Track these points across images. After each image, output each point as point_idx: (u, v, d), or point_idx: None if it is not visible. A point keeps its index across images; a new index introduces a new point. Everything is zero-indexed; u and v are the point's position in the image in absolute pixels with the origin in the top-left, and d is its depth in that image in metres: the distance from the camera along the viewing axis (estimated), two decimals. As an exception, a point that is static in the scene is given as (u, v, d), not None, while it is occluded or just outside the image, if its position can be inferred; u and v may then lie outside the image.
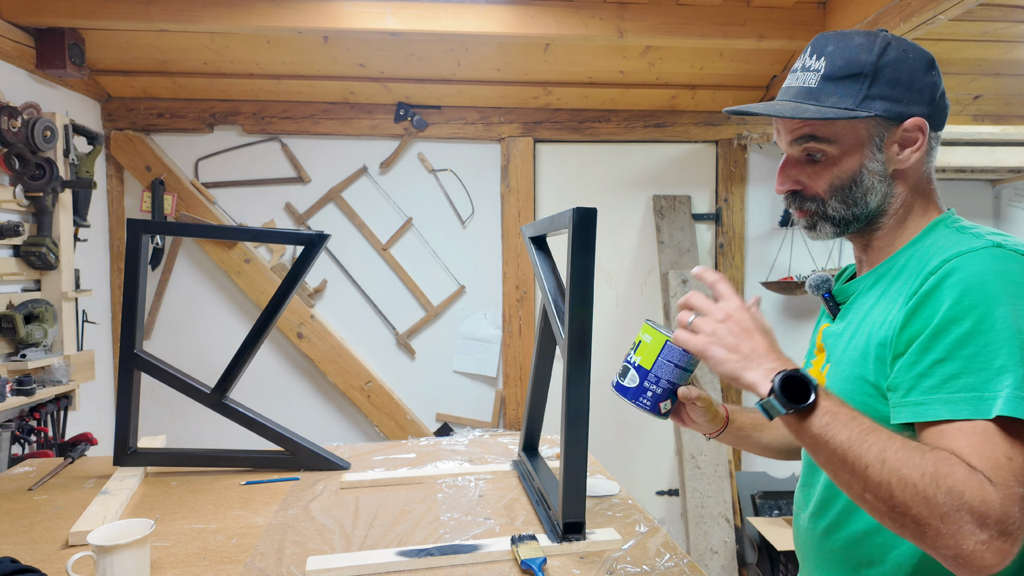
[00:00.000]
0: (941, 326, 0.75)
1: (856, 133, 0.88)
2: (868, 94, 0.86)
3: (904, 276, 0.86)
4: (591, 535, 1.20)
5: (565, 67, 2.82)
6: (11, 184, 2.24)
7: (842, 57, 0.87)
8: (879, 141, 0.88)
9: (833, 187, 0.90)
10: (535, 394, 1.55)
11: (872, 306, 0.89)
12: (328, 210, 3.03)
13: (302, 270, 1.57)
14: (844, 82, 0.87)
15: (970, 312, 0.74)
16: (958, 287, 0.75)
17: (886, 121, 0.87)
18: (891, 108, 0.87)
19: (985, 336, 0.73)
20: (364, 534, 1.24)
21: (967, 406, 0.72)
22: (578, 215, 1.12)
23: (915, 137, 0.88)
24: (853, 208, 0.90)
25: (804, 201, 0.93)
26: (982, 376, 0.72)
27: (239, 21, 2.32)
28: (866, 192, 0.89)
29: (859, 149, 0.88)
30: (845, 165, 0.89)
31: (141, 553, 1.04)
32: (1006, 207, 3.32)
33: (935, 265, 0.79)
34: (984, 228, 0.85)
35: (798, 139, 0.90)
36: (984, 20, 2.41)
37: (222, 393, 1.59)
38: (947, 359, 0.74)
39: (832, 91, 0.87)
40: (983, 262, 0.76)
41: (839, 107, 0.86)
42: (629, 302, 3.20)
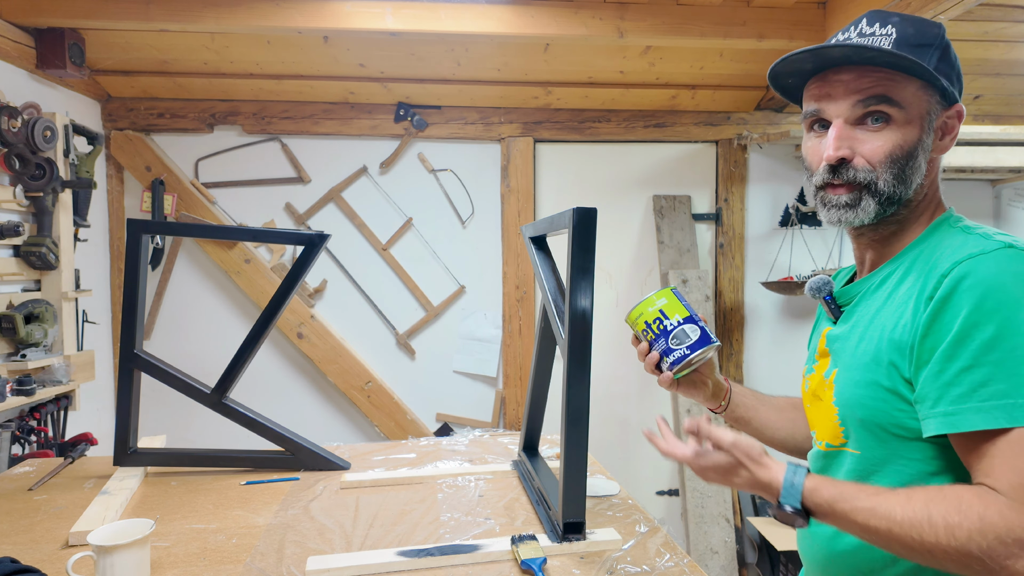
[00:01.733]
0: (964, 332, 0.73)
1: (923, 103, 0.84)
2: (937, 66, 0.83)
3: (912, 276, 0.83)
4: (591, 535, 1.20)
5: (565, 67, 2.82)
6: (11, 184, 2.24)
7: (912, 26, 0.84)
8: (932, 119, 0.85)
9: (893, 157, 0.84)
10: (535, 394, 1.55)
11: (880, 308, 0.86)
12: (328, 210, 3.03)
13: (302, 270, 1.57)
14: (917, 49, 0.82)
15: (992, 316, 0.71)
16: (976, 290, 0.73)
17: (941, 100, 0.85)
18: (949, 87, 0.84)
19: (1011, 340, 0.70)
20: (364, 534, 1.24)
21: (1001, 413, 0.70)
22: (578, 215, 1.12)
23: (953, 125, 0.86)
24: (901, 186, 0.85)
25: (854, 172, 0.86)
26: (1013, 381, 0.70)
27: (239, 21, 2.32)
28: (915, 171, 0.85)
29: (921, 121, 0.84)
30: (910, 135, 0.84)
31: (141, 553, 1.04)
32: (1006, 207, 3.32)
33: (947, 268, 0.76)
34: (988, 228, 0.84)
35: (867, 98, 0.84)
36: (984, 20, 2.41)
37: (222, 393, 1.59)
38: (974, 366, 0.72)
39: (911, 53, 0.82)
40: (999, 264, 0.74)
41: (928, 64, 0.82)
42: (629, 302, 3.19)
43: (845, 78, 0.85)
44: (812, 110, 0.89)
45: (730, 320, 3.22)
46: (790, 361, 3.23)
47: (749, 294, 3.24)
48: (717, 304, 3.21)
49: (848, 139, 0.85)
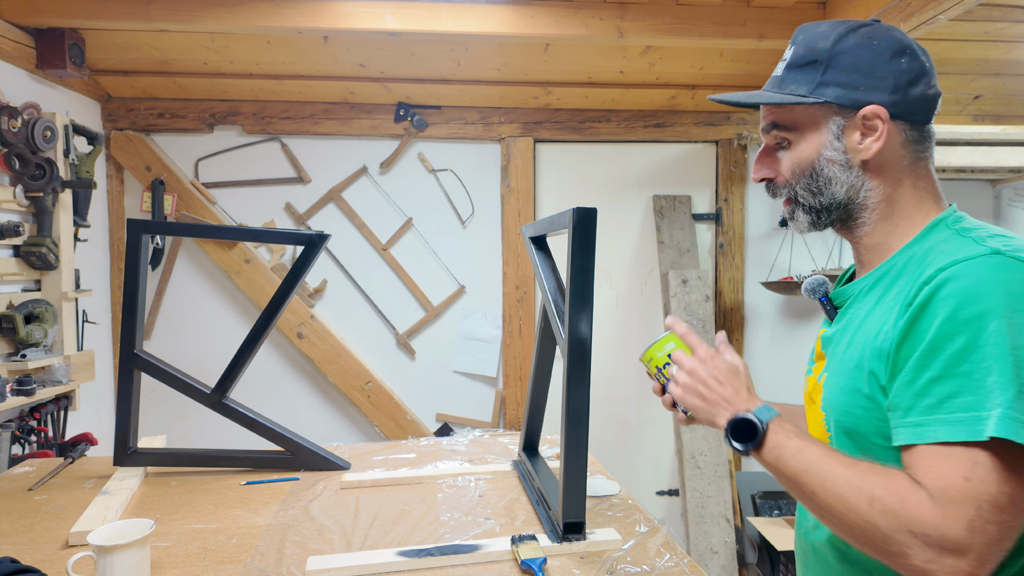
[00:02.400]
0: (936, 342, 0.73)
1: (813, 120, 0.89)
2: (822, 80, 0.87)
3: (901, 281, 0.83)
4: (591, 535, 1.20)
5: (565, 67, 2.82)
6: (11, 184, 2.24)
7: (804, 45, 0.90)
8: (837, 129, 0.87)
9: (795, 173, 0.91)
10: (535, 394, 1.55)
11: (869, 312, 0.86)
12: (328, 210, 3.03)
13: (302, 270, 1.57)
14: (803, 69, 0.88)
15: (965, 327, 0.71)
16: (953, 299, 0.72)
17: (842, 108, 0.86)
18: (845, 95, 0.86)
19: (980, 351, 0.70)
20: (364, 534, 1.24)
21: (963, 427, 0.70)
22: (578, 215, 1.12)
23: (874, 125, 0.85)
24: (819, 197, 0.89)
25: (777, 189, 0.95)
26: (978, 395, 0.69)
27: (239, 21, 2.32)
28: (829, 181, 0.88)
29: (816, 136, 0.88)
30: (803, 152, 0.90)
31: (141, 553, 1.04)
32: (1006, 207, 3.32)
33: (930, 274, 0.76)
34: (988, 229, 0.81)
35: (765, 127, 0.93)
36: (984, 20, 2.41)
37: (222, 393, 1.59)
38: (943, 377, 0.72)
39: (792, 78, 0.89)
40: (979, 271, 0.72)
41: (795, 93, 0.88)
42: (629, 302, 3.20)
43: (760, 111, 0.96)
44: None
45: (730, 320, 3.22)
46: (790, 361, 3.23)
47: (749, 294, 3.24)
48: (717, 304, 3.21)
49: (767, 161, 0.95)
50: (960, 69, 2.82)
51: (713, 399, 0.91)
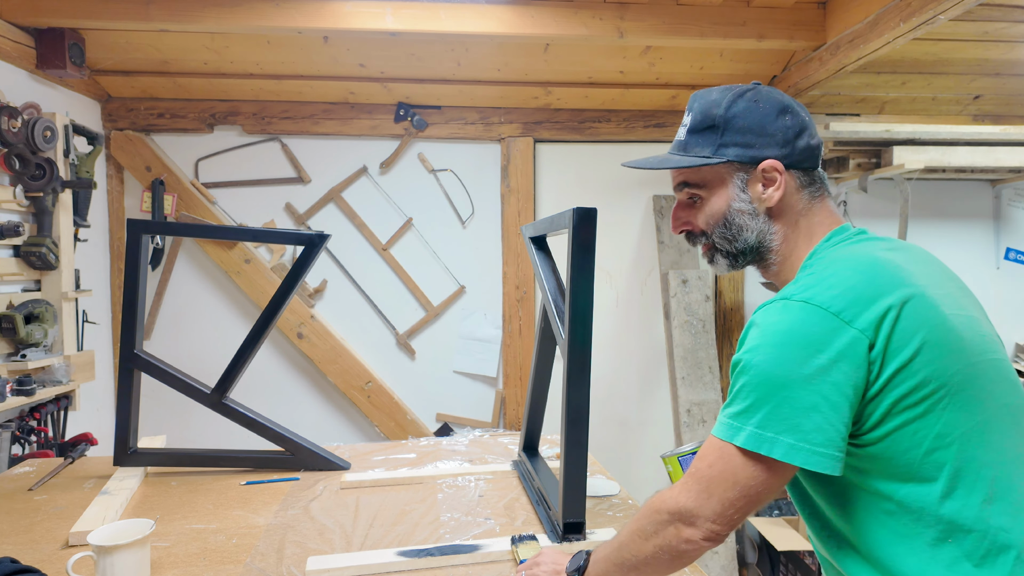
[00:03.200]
0: (733, 367, 0.89)
1: (719, 177, 0.98)
2: (722, 142, 0.96)
3: None
4: (591, 535, 1.20)
5: (565, 67, 2.82)
6: (11, 184, 2.24)
7: (700, 112, 0.98)
8: (741, 183, 0.97)
9: (709, 224, 1.00)
10: (535, 394, 1.55)
11: None
12: (328, 210, 3.03)
13: (302, 270, 1.58)
14: (704, 133, 0.98)
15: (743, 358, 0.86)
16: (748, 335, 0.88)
17: (743, 165, 0.96)
18: (743, 153, 0.95)
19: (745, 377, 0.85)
20: (364, 534, 1.24)
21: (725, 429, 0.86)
22: (578, 215, 1.12)
23: (773, 177, 0.96)
24: (734, 243, 0.99)
25: (696, 238, 1.03)
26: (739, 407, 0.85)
27: (239, 21, 2.32)
28: (741, 229, 0.98)
29: (724, 191, 0.98)
30: (715, 205, 0.99)
31: (141, 553, 1.04)
32: (1006, 207, 3.32)
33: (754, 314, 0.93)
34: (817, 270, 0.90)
35: (678, 186, 1.02)
36: (984, 20, 2.41)
37: (222, 393, 1.59)
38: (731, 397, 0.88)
39: (695, 142, 0.98)
40: (765, 317, 0.87)
41: (700, 156, 0.98)
42: (629, 302, 3.20)
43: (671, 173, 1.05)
44: None
45: (730, 320, 3.22)
46: (790, 361, 3.22)
47: (749, 294, 3.24)
48: (717, 304, 3.21)
49: (683, 215, 1.04)
50: (960, 69, 2.82)
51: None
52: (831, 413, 0.80)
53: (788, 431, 0.80)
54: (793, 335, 0.83)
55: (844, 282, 0.85)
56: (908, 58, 2.70)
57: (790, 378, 0.81)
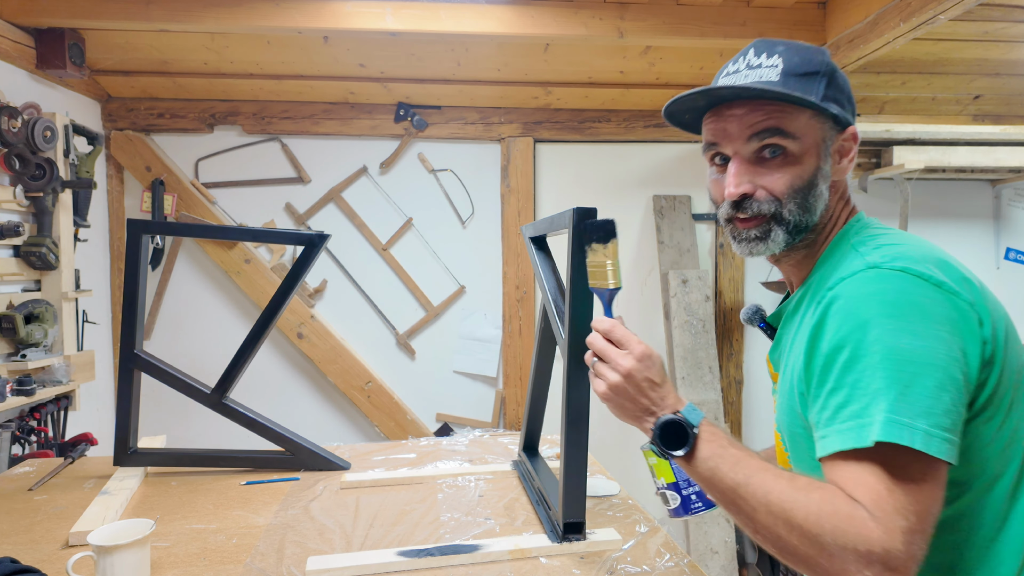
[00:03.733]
0: (829, 357, 0.75)
1: (816, 132, 0.85)
2: (826, 94, 0.85)
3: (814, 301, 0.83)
4: (591, 535, 1.20)
5: (565, 67, 2.82)
6: (11, 184, 2.24)
7: (798, 55, 0.85)
8: (829, 146, 0.86)
9: (793, 188, 0.84)
10: (535, 394, 1.55)
11: (795, 333, 0.87)
12: (328, 210, 3.03)
13: (302, 270, 1.57)
14: (805, 79, 0.84)
15: (848, 339, 0.73)
16: (838, 316, 0.75)
17: (835, 126, 0.86)
18: (841, 112, 0.86)
19: (862, 361, 0.71)
20: (364, 534, 1.24)
21: (852, 434, 0.70)
22: (578, 215, 1.12)
23: (850, 147, 0.88)
24: (807, 214, 0.86)
25: (758, 205, 0.86)
26: (863, 402, 0.70)
27: (239, 21, 2.32)
28: (818, 198, 0.86)
29: (817, 149, 0.85)
30: (807, 164, 0.84)
31: (141, 553, 1.04)
32: (1006, 207, 3.32)
33: (822, 295, 0.79)
34: (877, 240, 0.82)
35: (761, 132, 0.84)
36: (984, 20, 2.41)
37: (222, 393, 1.59)
38: (835, 388, 0.73)
39: (796, 86, 0.83)
40: (859, 286, 0.75)
41: (813, 97, 0.84)
42: (629, 302, 3.19)
43: (738, 112, 0.85)
44: (711, 143, 0.90)
45: (730, 320, 3.22)
46: (790, 361, 3.23)
47: (749, 294, 3.24)
48: (717, 304, 3.21)
49: (747, 174, 0.86)
50: (960, 69, 2.82)
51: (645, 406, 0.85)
52: (956, 393, 0.69)
53: (922, 415, 0.68)
54: (905, 305, 0.71)
55: (929, 255, 0.76)
56: (908, 58, 2.70)
57: (916, 352, 0.69)
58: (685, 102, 0.89)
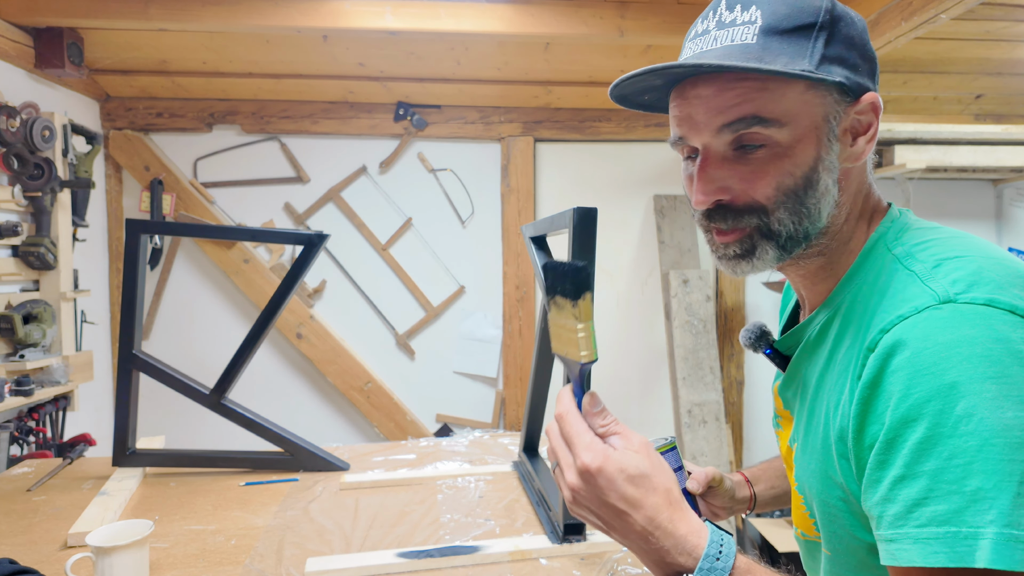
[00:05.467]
0: (893, 430, 0.54)
1: (811, 111, 0.63)
2: (825, 54, 0.62)
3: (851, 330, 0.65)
4: (592, 536, 1.19)
5: (565, 66, 2.82)
6: (9, 184, 2.23)
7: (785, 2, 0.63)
8: (834, 126, 0.64)
9: (782, 190, 0.64)
10: (535, 394, 1.54)
11: (824, 371, 0.68)
12: (327, 210, 3.02)
13: (301, 270, 1.57)
14: (792, 36, 0.62)
15: (923, 408, 0.53)
16: (904, 372, 0.54)
17: (842, 96, 0.64)
18: (851, 77, 0.63)
19: (949, 443, 0.51)
20: (364, 535, 1.23)
21: (942, 546, 0.50)
22: (578, 215, 1.11)
23: (869, 121, 0.66)
24: (805, 221, 0.65)
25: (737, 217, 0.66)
26: (953, 502, 0.50)
27: (238, 20, 2.31)
28: (820, 198, 0.65)
29: (814, 135, 0.63)
30: (801, 156, 0.63)
31: (140, 554, 1.03)
32: (1008, 207, 3.32)
33: (873, 337, 0.58)
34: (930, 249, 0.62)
35: (734, 122, 0.63)
36: (986, 19, 2.41)
37: (221, 394, 1.58)
38: (907, 476, 0.53)
39: (779, 49, 0.62)
40: (931, 331, 0.54)
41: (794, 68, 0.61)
42: (629, 302, 3.19)
43: (704, 93, 0.64)
44: (676, 137, 0.69)
45: (731, 320, 3.22)
46: (791, 361, 3.22)
47: (750, 294, 3.24)
48: (718, 304, 3.21)
49: (719, 178, 0.66)
50: (962, 68, 2.82)
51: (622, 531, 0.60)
52: None
53: None
54: (1007, 358, 0.51)
55: (1012, 270, 0.56)
56: (909, 57, 2.70)
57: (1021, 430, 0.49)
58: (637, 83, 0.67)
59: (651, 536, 0.58)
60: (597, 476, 0.59)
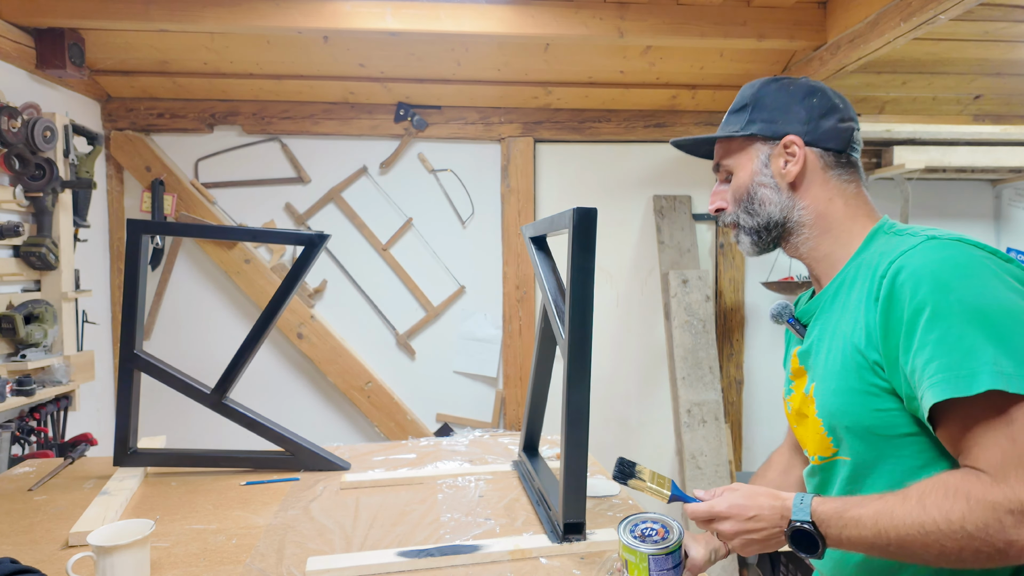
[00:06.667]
0: (910, 321, 0.80)
1: (745, 153, 1.05)
2: (750, 118, 1.04)
3: (859, 283, 0.92)
4: (591, 535, 1.20)
5: (565, 67, 2.82)
6: (11, 184, 2.24)
7: (739, 95, 1.08)
8: (764, 158, 1.03)
9: (736, 199, 1.05)
10: (535, 394, 1.55)
11: (839, 319, 0.94)
12: (328, 210, 3.03)
13: (302, 270, 1.57)
14: (737, 113, 1.06)
15: (927, 300, 0.79)
16: (911, 281, 0.81)
17: (766, 139, 1.03)
18: (766, 127, 1.02)
19: (946, 320, 0.77)
20: (364, 534, 1.24)
21: (948, 385, 0.75)
22: (578, 215, 1.11)
23: (792, 151, 1.00)
24: (756, 217, 1.03)
25: (725, 216, 1.08)
26: (955, 355, 0.76)
27: (239, 21, 2.32)
28: (762, 202, 1.02)
29: (748, 165, 1.04)
30: (741, 179, 1.04)
31: (141, 554, 1.04)
32: (1007, 207, 3.32)
33: (884, 269, 0.86)
34: (916, 228, 0.92)
35: (715, 165, 1.10)
36: (985, 20, 2.41)
37: (222, 393, 1.59)
38: (920, 348, 0.79)
39: (731, 121, 1.07)
40: (925, 255, 0.83)
41: (731, 131, 1.06)
42: (629, 302, 3.19)
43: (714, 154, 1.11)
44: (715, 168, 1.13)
45: (730, 320, 3.22)
46: (790, 361, 3.22)
47: (750, 294, 3.24)
48: (717, 304, 3.21)
49: (716, 194, 1.10)
50: (961, 69, 2.82)
51: (765, 534, 0.88)
52: None
53: None
54: (976, 267, 0.80)
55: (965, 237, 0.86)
56: (908, 58, 2.70)
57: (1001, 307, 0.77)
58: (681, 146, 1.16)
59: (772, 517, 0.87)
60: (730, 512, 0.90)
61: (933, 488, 0.77)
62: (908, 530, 0.76)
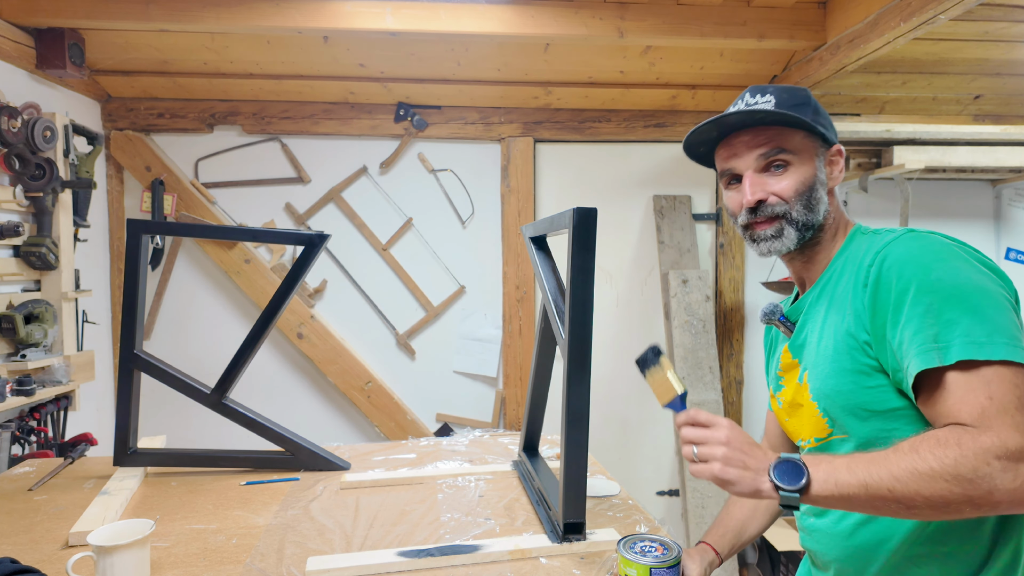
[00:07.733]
0: (897, 300, 0.88)
1: (810, 147, 1.05)
2: (814, 118, 1.03)
3: (845, 277, 1.00)
4: (591, 535, 1.20)
5: (565, 67, 2.82)
6: (11, 184, 2.24)
7: (787, 92, 1.05)
8: (822, 159, 1.06)
9: (798, 191, 1.03)
10: (535, 394, 1.55)
11: (828, 309, 1.01)
12: (328, 210, 3.03)
13: (302, 270, 1.57)
14: (798, 108, 1.04)
15: (912, 280, 0.87)
16: (896, 266, 0.90)
17: (824, 143, 1.06)
18: (828, 133, 1.05)
19: (929, 296, 0.85)
20: (364, 534, 1.24)
21: (931, 355, 0.83)
22: (578, 215, 1.12)
23: (837, 160, 1.08)
24: (811, 214, 1.03)
25: (771, 208, 1.04)
26: (935, 328, 0.84)
27: (239, 21, 2.32)
28: (818, 200, 1.04)
29: (812, 160, 1.04)
30: (807, 171, 1.04)
31: (141, 553, 1.04)
32: (1007, 207, 3.32)
33: (871, 259, 0.94)
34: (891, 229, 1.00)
35: (767, 151, 1.04)
36: (985, 20, 2.41)
37: (222, 393, 1.59)
38: (907, 322, 0.87)
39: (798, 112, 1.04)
40: (907, 244, 0.92)
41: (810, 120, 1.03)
42: (629, 302, 3.19)
43: (745, 139, 1.05)
44: (725, 168, 1.09)
45: (730, 320, 3.22)
46: (790, 361, 3.22)
47: (749, 294, 3.24)
48: (717, 304, 3.21)
49: (759, 184, 1.04)
50: (960, 69, 2.82)
51: (755, 466, 0.87)
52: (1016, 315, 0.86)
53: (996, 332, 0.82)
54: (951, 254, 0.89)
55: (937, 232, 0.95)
56: (908, 58, 2.70)
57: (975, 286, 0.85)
58: (701, 133, 1.07)
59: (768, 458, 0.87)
60: (733, 428, 0.90)
61: (924, 439, 0.81)
62: (901, 473, 0.79)
